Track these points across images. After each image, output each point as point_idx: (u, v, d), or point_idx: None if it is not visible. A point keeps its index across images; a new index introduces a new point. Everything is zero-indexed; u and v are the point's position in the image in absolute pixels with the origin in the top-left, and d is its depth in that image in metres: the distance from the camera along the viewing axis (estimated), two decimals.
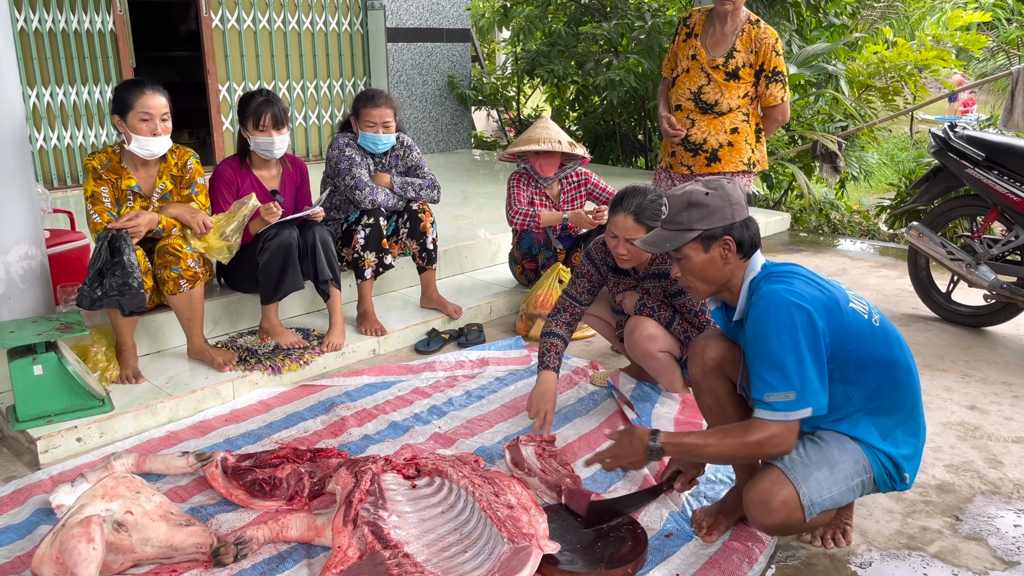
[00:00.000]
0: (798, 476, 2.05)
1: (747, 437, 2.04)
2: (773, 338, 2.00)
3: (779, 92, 3.82)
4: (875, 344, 2.10)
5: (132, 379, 3.22)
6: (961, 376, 3.61)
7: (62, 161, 6.30)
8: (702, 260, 2.15)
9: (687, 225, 2.14)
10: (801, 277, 2.10)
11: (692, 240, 2.14)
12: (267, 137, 3.47)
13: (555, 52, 8.05)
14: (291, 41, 7.38)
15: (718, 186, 2.15)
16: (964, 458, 2.90)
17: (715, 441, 2.09)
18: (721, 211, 2.12)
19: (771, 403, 2.01)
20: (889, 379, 2.13)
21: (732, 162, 3.87)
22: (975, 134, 4.00)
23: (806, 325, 2.00)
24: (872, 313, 2.14)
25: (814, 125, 6.74)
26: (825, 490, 2.07)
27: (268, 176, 3.63)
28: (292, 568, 2.23)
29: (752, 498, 2.10)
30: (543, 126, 4.17)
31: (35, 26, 5.95)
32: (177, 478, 2.68)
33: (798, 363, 1.99)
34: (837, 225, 6.77)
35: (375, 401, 3.29)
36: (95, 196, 3.16)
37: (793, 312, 1.99)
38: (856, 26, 7.29)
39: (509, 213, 4.20)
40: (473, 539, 2.27)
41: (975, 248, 4.08)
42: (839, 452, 2.11)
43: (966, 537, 2.43)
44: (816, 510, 2.07)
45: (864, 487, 2.14)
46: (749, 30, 3.76)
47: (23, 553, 2.29)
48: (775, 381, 2.00)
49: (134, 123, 3.11)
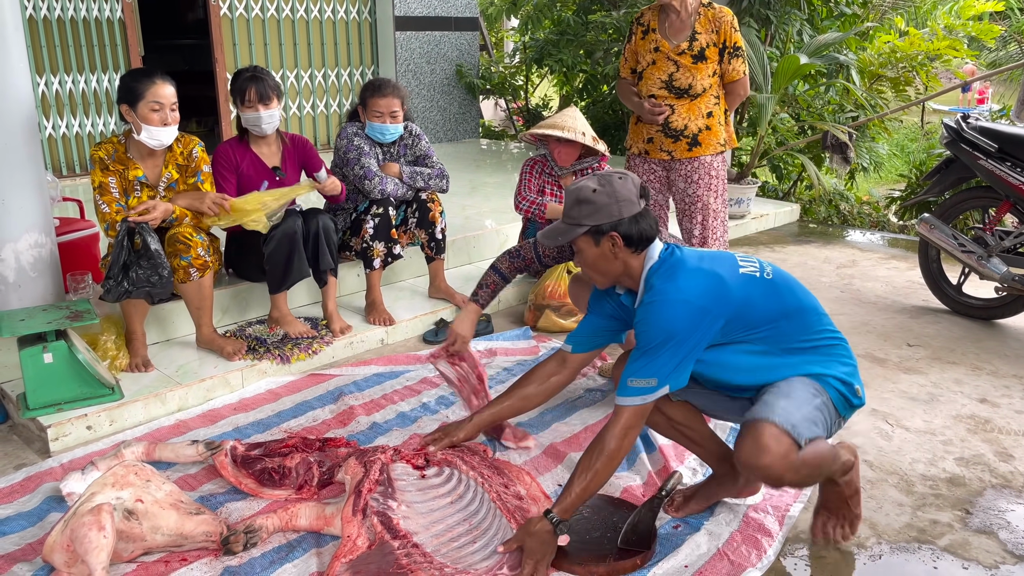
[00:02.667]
0: (766, 413, 2.08)
1: (609, 434, 2.14)
2: (657, 334, 2.10)
3: (740, 66, 3.96)
4: (776, 297, 2.21)
5: (142, 368, 3.23)
6: (972, 369, 3.59)
7: (71, 149, 6.30)
8: (594, 254, 2.25)
9: (577, 220, 2.23)
10: (685, 269, 2.18)
11: (582, 234, 2.23)
12: (254, 112, 3.47)
13: (564, 41, 8.01)
14: (299, 29, 7.36)
15: (607, 183, 2.22)
16: (974, 451, 2.88)
17: (594, 473, 2.14)
18: (607, 208, 2.19)
19: (632, 387, 2.12)
20: (799, 324, 2.22)
21: (711, 145, 3.97)
22: (988, 125, 3.98)
23: (690, 322, 2.10)
24: (763, 268, 2.24)
25: (824, 115, 6.69)
26: (795, 412, 2.09)
27: (268, 153, 3.62)
28: (301, 557, 2.24)
29: (743, 452, 2.08)
30: (571, 115, 4.16)
31: (44, 14, 5.95)
32: (187, 466, 2.69)
33: (673, 359, 2.10)
34: (847, 216, 6.74)
35: (383, 391, 3.30)
36: (103, 187, 3.16)
37: (677, 310, 2.10)
38: (867, 15, 7.22)
39: (517, 199, 4.19)
40: (482, 530, 2.27)
41: (987, 240, 4.05)
42: (786, 386, 2.17)
43: (976, 531, 2.43)
44: (802, 433, 2.06)
45: (828, 408, 2.17)
46: (705, 12, 3.88)
47: (34, 540, 2.30)
48: (642, 368, 2.11)
49: (144, 113, 3.10)
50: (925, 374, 3.54)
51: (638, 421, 2.15)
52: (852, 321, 4.18)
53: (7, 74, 3.01)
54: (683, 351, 2.10)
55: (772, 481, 2.11)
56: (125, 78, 3.18)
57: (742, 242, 5.79)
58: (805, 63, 5.71)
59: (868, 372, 3.54)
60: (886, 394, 3.34)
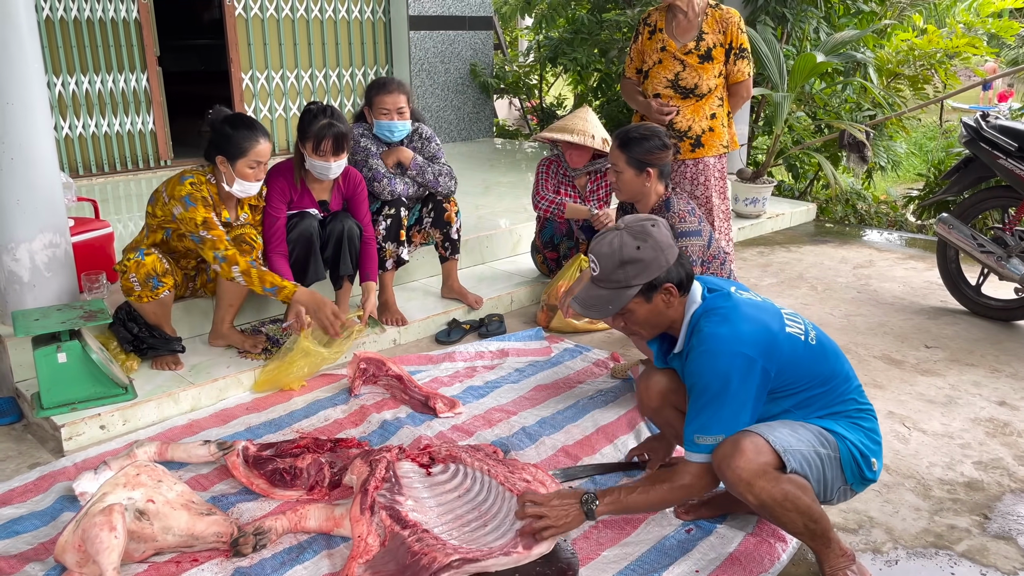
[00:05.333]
0: (760, 429, 2.03)
1: (676, 482, 2.09)
2: (714, 383, 2.04)
3: (745, 68, 3.96)
4: (814, 363, 2.12)
5: (171, 367, 3.27)
6: (991, 371, 3.54)
7: (87, 149, 6.35)
8: (645, 311, 2.15)
9: (625, 283, 2.11)
10: (740, 314, 2.07)
11: (634, 296, 2.12)
12: (325, 162, 3.35)
13: (578, 40, 7.98)
14: (313, 29, 7.37)
15: (645, 235, 2.12)
16: (993, 455, 2.84)
17: (647, 497, 2.11)
18: (656, 261, 2.10)
19: (700, 444, 2.05)
20: (829, 391, 2.14)
21: (714, 146, 3.98)
22: (1008, 123, 3.92)
23: (745, 372, 2.02)
24: (808, 331, 2.15)
25: (841, 114, 6.63)
26: (793, 442, 2.02)
27: (319, 188, 3.56)
28: (312, 559, 2.24)
29: (719, 452, 2.02)
30: (582, 117, 4.14)
31: (60, 14, 5.99)
32: (198, 467, 2.69)
33: (734, 411, 2.03)
34: (864, 216, 6.67)
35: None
36: (208, 223, 3.10)
37: (734, 360, 2.02)
38: (885, 13, 7.15)
39: (535, 199, 4.18)
40: (492, 514, 2.27)
41: (1006, 240, 4.00)
42: (799, 424, 2.11)
43: (995, 536, 2.39)
44: (791, 459, 1.98)
45: (831, 464, 2.07)
46: (712, 12, 3.90)
47: (47, 540, 2.31)
48: (709, 424, 2.04)
49: (242, 169, 3.12)
50: (943, 376, 3.49)
51: (709, 471, 2.08)
52: (869, 322, 4.14)
53: (23, 75, 3.03)
54: (740, 399, 2.02)
55: (741, 487, 1.98)
56: (227, 129, 3.12)
57: (757, 242, 5.75)
58: (822, 61, 5.66)
59: (885, 374, 3.49)
60: (903, 396, 3.29)
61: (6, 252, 3.13)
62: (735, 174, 5.97)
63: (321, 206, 3.57)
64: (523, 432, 2.94)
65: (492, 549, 2.11)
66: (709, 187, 3.98)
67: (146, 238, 3.27)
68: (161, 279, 3.13)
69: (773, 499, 1.98)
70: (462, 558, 2.05)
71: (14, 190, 3.07)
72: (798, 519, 2.01)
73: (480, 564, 2.05)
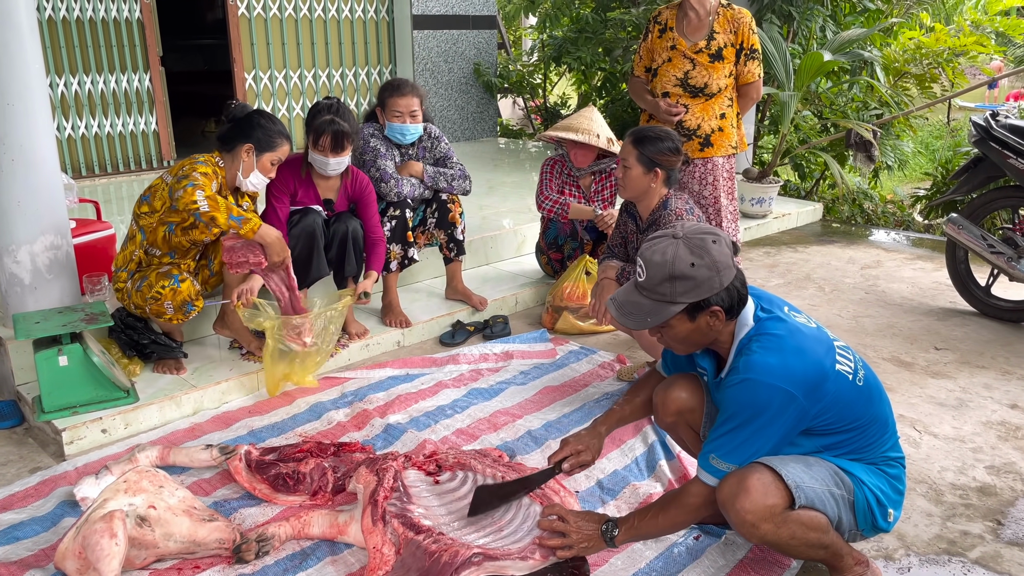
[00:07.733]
0: (774, 463, 1.95)
1: (685, 505, 2.03)
2: (746, 411, 1.93)
3: (756, 69, 3.95)
4: (857, 406, 2.01)
5: (173, 371, 3.24)
6: (1002, 373, 3.50)
7: (89, 150, 6.32)
8: (687, 329, 1.98)
9: (671, 298, 1.93)
10: (793, 345, 1.94)
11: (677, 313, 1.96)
12: (323, 157, 3.35)
13: (582, 39, 7.94)
14: (317, 29, 7.35)
15: (703, 251, 1.91)
16: (1006, 459, 2.80)
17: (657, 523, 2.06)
18: (709, 282, 1.91)
19: (714, 467, 1.98)
20: (865, 434, 2.05)
21: (723, 147, 3.96)
22: (1018, 123, 3.88)
23: (782, 408, 1.91)
24: (857, 370, 2.03)
25: (848, 113, 6.58)
26: (806, 478, 1.94)
27: (325, 185, 3.52)
28: (316, 565, 2.21)
29: (723, 488, 1.95)
30: (587, 116, 4.11)
31: (62, 14, 5.97)
32: (201, 471, 2.67)
33: (757, 446, 1.95)
34: (871, 215, 6.62)
35: (398, 394, 3.26)
36: (215, 198, 2.99)
37: (775, 395, 1.90)
38: (892, 11, 7.10)
39: (539, 199, 4.14)
40: (508, 519, 2.24)
41: (1016, 241, 3.95)
42: (813, 460, 2.02)
43: (1009, 542, 2.35)
44: (803, 495, 1.91)
45: (844, 505, 2.00)
46: (724, 12, 3.88)
47: (47, 546, 2.28)
48: (730, 452, 1.96)
49: (265, 162, 3.13)
50: (953, 379, 3.45)
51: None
52: (877, 323, 4.09)
53: (23, 75, 3.00)
54: (767, 435, 1.93)
55: (745, 529, 1.91)
56: (262, 120, 3.12)
57: (764, 242, 5.70)
58: (828, 60, 5.62)
59: (894, 376, 3.45)
60: (913, 399, 3.25)
61: (7, 254, 3.11)
62: (741, 173, 5.93)
63: (326, 204, 3.54)
64: (528, 436, 2.91)
65: (510, 551, 2.09)
66: (718, 187, 3.94)
67: (142, 242, 3.13)
68: (194, 303, 3.10)
69: (779, 541, 1.94)
70: (483, 553, 2.03)
71: (15, 192, 3.05)
72: (806, 551, 1.99)
73: (499, 564, 2.03)
